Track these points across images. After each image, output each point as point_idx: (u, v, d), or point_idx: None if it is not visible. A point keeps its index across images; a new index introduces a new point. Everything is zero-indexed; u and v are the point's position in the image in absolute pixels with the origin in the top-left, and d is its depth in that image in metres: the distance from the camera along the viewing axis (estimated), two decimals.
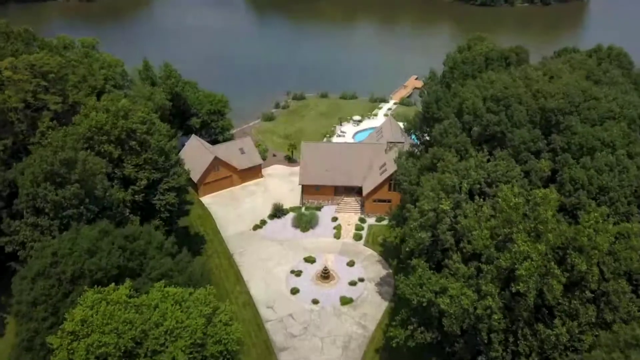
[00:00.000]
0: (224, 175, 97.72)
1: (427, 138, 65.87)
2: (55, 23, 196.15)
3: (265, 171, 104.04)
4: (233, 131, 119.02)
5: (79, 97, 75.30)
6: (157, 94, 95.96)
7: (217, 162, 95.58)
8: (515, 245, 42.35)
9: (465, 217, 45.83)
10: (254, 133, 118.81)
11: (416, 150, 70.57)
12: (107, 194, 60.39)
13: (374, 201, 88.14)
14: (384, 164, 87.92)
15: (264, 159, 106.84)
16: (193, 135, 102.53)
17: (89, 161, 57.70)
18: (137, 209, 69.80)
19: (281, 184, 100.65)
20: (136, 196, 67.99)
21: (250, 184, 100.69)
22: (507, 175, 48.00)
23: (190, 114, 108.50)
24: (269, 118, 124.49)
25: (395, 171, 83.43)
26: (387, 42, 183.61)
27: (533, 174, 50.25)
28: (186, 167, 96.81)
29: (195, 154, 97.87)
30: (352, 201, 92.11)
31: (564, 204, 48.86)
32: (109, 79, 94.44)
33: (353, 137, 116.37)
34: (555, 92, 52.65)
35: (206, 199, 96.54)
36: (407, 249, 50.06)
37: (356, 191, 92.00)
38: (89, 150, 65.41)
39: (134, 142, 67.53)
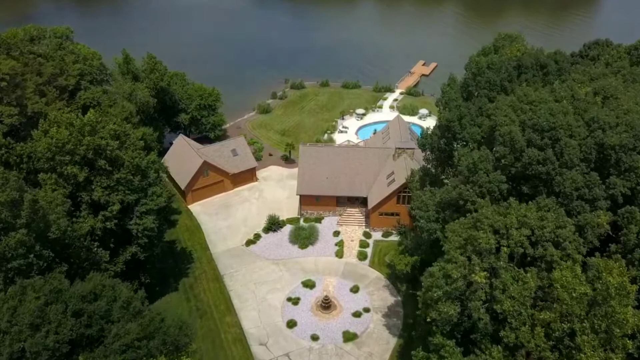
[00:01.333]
0: (215, 180, 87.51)
1: (446, 154, 55.35)
2: (43, 7, 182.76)
3: (260, 173, 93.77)
4: (226, 125, 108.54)
5: (39, 105, 64.46)
6: (139, 90, 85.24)
7: (206, 167, 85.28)
8: (582, 356, 32.51)
9: (504, 290, 35.99)
10: (249, 128, 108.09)
11: (431, 166, 60.13)
12: (68, 230, 50.36)
13: (381, 214, 78.14)
14: (392, 173, 77.67)
15: (259, 158, 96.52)
16: (180, 135, 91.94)
17: (41, 199, 47.43)
18: (111, 236, 59.97)
19: (277, 188, 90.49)
20: (108, 223, 58.03)
21: (244, 188, 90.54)
22: (557, 233, 37.94)
23: (178, 109, 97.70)
24: (265, 110, 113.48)
25: (405, 183, 73.57)
26: (391, 24, 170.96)
27: (588, 230, 40.24)
28: (173, 171, 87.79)
29: (183, 156, 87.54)
30: (355, 212, 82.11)
31: (634, 278, 38.60)
32: (85, 74, 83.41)
33: (356, 132, 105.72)
34: (615, 123, 41.99)
35: (195, 207, 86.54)
36: (428, 319, 40.33)
37: (360, 201, 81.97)
38: (50, 174, 55.25)
39: (103, 162, 57.19)
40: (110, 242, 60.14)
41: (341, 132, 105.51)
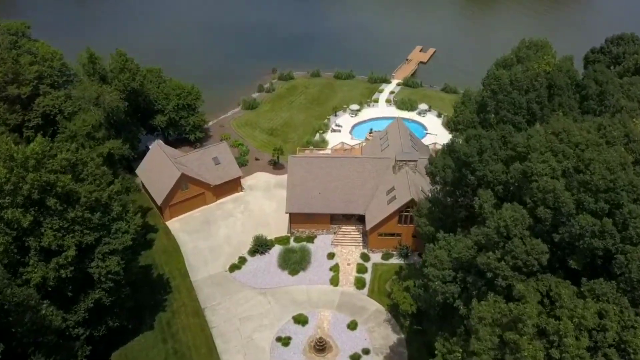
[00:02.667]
0: (195, 193, 77.88)
1: (462, 190, 46.03)
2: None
3: (246, 181, 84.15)
4: (209, 124, 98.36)
5: None
6: (106, 94, 74.75)
7: (184, 180, 75.55)
8: None
9: None
10: (233, 126, 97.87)
11: (441, 196, 50.74)
12: (7, 294, 40.98)
13: (380, 235, 69.21)
14: (392, 189, 68.42)
15: (244, 164, 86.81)
16: (156, 142, 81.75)
17: None
18: (68, 283, 50.64)
19: (264, 199, 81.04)
20: (62, 271, 48.63)
21: (228, 200, 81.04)
22: (622, 336, 28.95)
23: (154, 111, 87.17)
24: (251, 106, 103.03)
25: (408, 203, 64.53)
26: (385, 6, 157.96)
27: None
28: (149, 183, 78.09)
29: (159, 166, 77.56)
30: (352, 230, 73.10)
31: None
32: (44, 76, 72.85)
33: (351, 131, 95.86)
34: None
35: (173, 224, 77.13)
36: None
37: (357, 217, 72.86)
38: None
39: (54, 200, 47.44)
40: (67, 290, 50.91)
41: (334, 130, 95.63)
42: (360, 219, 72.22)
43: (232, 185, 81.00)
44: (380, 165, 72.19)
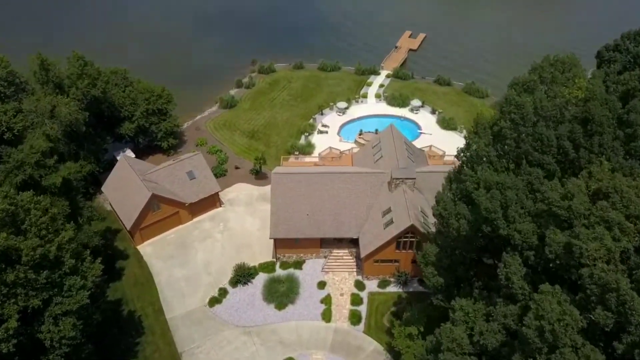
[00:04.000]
0: (168, 213, 69.17)
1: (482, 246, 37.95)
2: None
3: (225, 195, 75.52)
4: (183, 126, 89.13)
5: None
6: (62, 105, 64.98)
7: (156, 200, 66.76)
8: None
9: None
10: (210, 129, 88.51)
11: (451, 246, 42.61)
12: None
13: (376, 261, 61.44)
14: (389, 210, 60.39)
15: (222, 174, 78.10)
16: (122, 155, 72.31)
17: None
18: (14, 354, 42.19)
19: (247, 216, 72.61)
20: (3, 345, 40.15)
21: (205, 217, 72.50)
22: None
23: (120, 118, 77.45)
24: (229, 104, 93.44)
25: (407, 229, 56.75)
26: None
27: None
28: (116, 202, 69.15)
29: (127, 185, 68.47)
30: (344, 254, 65.19)
31: None
32: None
33: (339, 132, 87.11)
34: None
35: (145, 248, 68.57)
36: None
37: (350, 239, 64.87)
38: None
39: None
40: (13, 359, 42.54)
41: (321, 132, 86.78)
42: (353, 241, 64.30)
43: (210, 201, 72.34)
44: (374, 181, 63.99)
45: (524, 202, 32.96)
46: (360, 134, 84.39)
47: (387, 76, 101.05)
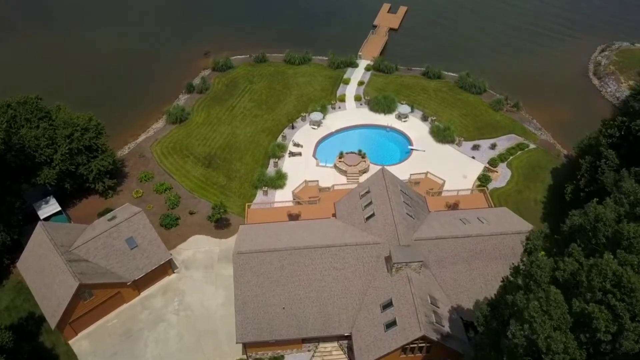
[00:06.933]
0: (105, 297, 53.02)
1: None
2: None
3: (179, 253, 59.51)
4: (125, 152, 71.38)
5: None
6: None
7: (86, 289, 50.37)
8: None
9: None
10: (157, 156, 70.61)
11: None
12: None
13: None
14: (390, 304, 45.56)
15: (174, 223, 61.61)
16: (39, 225, 54.36)
17: None
18: None
19: (207, 286, 56.94)
20: None
21: (155, 291, 56.71)
22: None
23: (35, 164, 58.92)
24: (179, 117, 74.73)
25: (419, 339, 42.35)
26: None
27: None
28: (34, 288, 52.49)
29: (47, 267, 51.68)
30: (332, 349, 50.57)
31: None
32: None
33: (314, 152, 70.38)
34: None
35: (80, 343, 52.84)
36: None
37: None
38: None
39: None
40: None
41: (292, 154, 69.84)
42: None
43: (160, 269, 56.17)
44: (368, 255, 48.65)
45: None
46: (340, 157, 67.92)
47: (367, 68, 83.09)
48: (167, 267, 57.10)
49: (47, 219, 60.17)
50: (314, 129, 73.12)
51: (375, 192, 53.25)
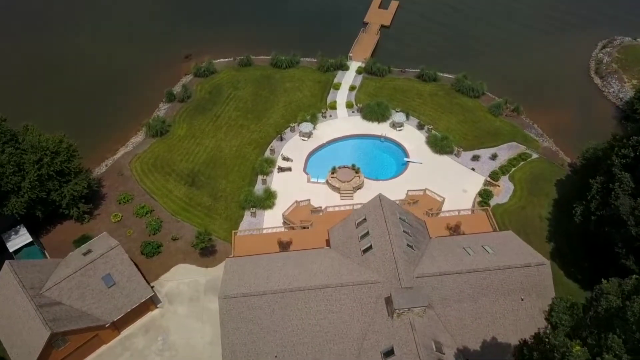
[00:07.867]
0: (82, 341, 48.51)
1: None
2: None
3: (162, 285, 54.97)
4: (102, 169, 66.26)
5: None
6: None
7: (59, 337, 45.80)
8: None
9: None
10: (137, 174, 65.40)
11: None
12: None
13: None
14: (391, 352, 41.47)
15: (156, 251, 56.86)
16: (5, 264, 49.33)
17: None
18: None
19: (193, 322, 52.59)
20: None
21: (137, 329, 52.27)
22: None
23: (1, 192, 53.63)
24: (159, 130, 69.39)
25: None
26: None
27: None
28: (4, 336, 47.81)
29: (15, 312, 46.92)
30: None
31: None
32: None
33: (305, 167, 65.62)
34: None
35: None
36: None
37: None
38: None
39: None
40: None
41: (282, 169, 65.01)
42: None
43: (141, 305, 51.65)
44: (366, 296, 44.39)
45: None
46: (333, 173, 63.25)
47: (359, 71, 77.94)
48: (149, 303, 52.50)
49: (17, 251, 55.34)
50: (304, 140, 68.24)
51: (373, 222, 48.73)
